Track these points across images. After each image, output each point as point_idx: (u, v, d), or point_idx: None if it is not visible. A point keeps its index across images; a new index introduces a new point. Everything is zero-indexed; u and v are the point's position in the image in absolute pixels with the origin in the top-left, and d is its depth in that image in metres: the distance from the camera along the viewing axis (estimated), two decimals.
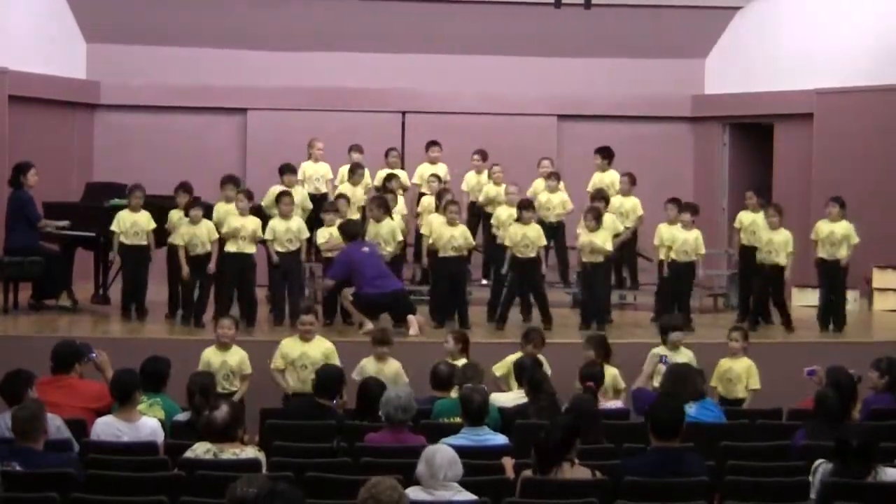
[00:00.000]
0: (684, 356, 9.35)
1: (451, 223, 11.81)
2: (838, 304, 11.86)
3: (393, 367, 9.28)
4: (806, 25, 15.47)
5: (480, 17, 15.84)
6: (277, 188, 12.30)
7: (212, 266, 11.38)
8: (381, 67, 16.05)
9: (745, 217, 12.55)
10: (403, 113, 16.29)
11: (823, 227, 11.82)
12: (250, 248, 11.45)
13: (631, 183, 13.23)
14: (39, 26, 15.07)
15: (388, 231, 11.90)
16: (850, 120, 14.82)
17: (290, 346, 9.51)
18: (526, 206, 11.93)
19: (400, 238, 12.11)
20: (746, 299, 12.49)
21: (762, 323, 12.12)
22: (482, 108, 16.09)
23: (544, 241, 11.86)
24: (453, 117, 15.88)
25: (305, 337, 9.51)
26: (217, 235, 11.43)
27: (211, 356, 9.26)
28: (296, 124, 15.53)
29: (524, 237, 11.67)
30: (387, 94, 16.11)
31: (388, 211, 12.06)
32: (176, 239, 11.54)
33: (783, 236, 11.83)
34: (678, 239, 11.89)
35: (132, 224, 11.67)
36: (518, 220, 11.83)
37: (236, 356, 9.33)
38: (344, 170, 13.49)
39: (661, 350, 9.43)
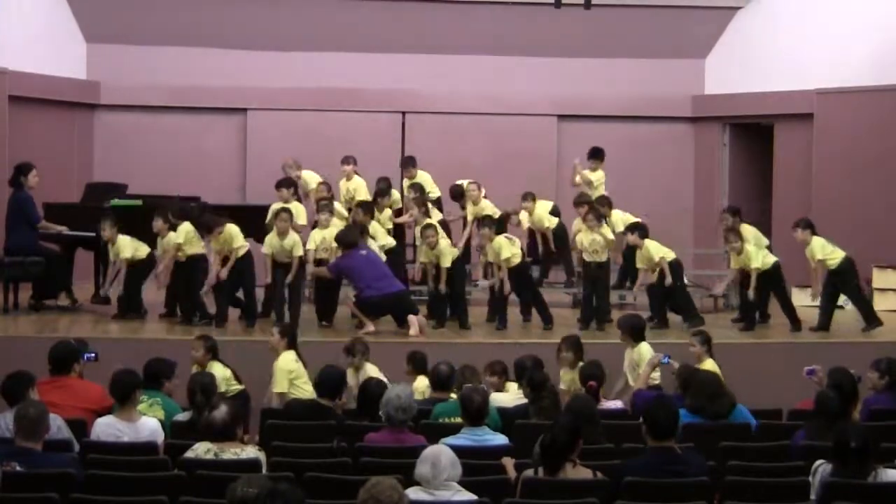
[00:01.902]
0: (637, 352, 9.45)
1: (430, 247, 11.79)
2: (857, 305, 11.92)
3: (370, 372, 9.10)
4: (806, 25, 15.47)
5: (481, 18, 15.85)
6: (278, 205, 12.16)
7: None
8: (382, 68, 16.05)
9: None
10: (404, 113, 16.29)
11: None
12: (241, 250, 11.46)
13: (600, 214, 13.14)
14: (39, 26, 15.08)
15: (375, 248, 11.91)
16: (850, 120, 14.82)
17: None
18: (488, 224, 11.97)
19: (382, 242, 12.10)
20: (746, 300, 12.44)
21: (759, 322, 12.10)
22: (482, 108, 16.11)
23: (518, 259, 11.80)
24: (453, 117, 15.89)
25: None
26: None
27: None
28: (296, 125, 15.56)
29: (497, 257, 11.75)
30: (387, 94, 16.11)
31: (372, 215, 12.10)
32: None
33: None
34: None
35: None
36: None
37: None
38: (342, 184, 13.43)
39: (644, 348, 9.47)
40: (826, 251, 11.75)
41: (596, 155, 13.74)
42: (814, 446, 6.81)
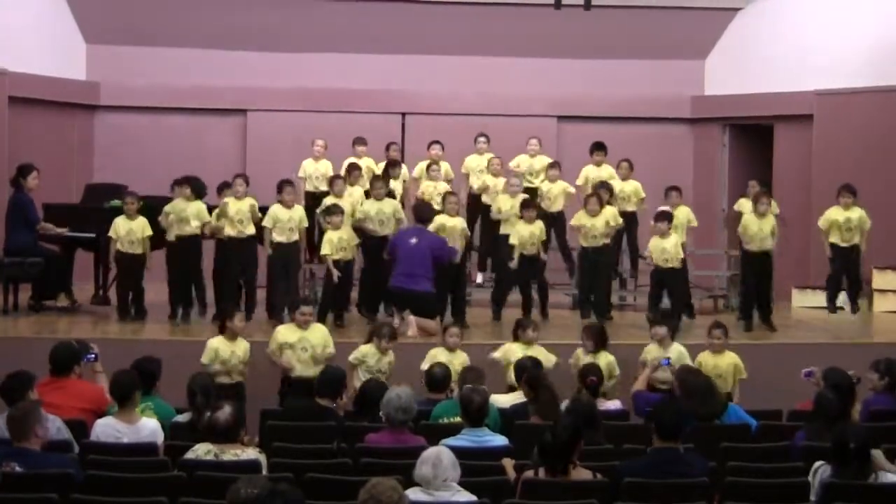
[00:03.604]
0: (675, 352, 9.51)
1: (451, 214, 11.90)
2: (854, 289, 11.96)
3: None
4: (806, 26, 15.48)
5: (481, 18, 15.84)
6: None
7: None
8: (381, 68, 16.06)
9: (745, 205, 12.58)
10: (403, 114, 16.29)
11: (837, 214, 11.92)
12: (250, 230, 11.49)
13: (630, 168, 13.31)
14: (39, 26, 15.08)
15: (391, 209, 11.96)
16: (850, 120, 14.82)
17: (287, 333, 9.52)
18: (528, 206, 12.15)
19: (401, 216, 12.20)
20: (746, 300, 12.41)
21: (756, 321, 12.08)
22: (482, 108, 16.09)
23: (544, 237, 12.17)
24: (453, 118, 15.88)
25: (303, 326, 9.54)
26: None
27: (220, 346, 9.19)
28: (296, 125, 15.55)
29: (531, 236, 11.94)
30: (387, 95, 16.11)
31: (388, 190, 12.26)
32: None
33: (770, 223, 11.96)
34: (657, 248, 11.85)
35: (128, 232, 11.63)
36: (521, 218, 12.04)
37: (242, 346, 9.31)
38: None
39: (654, 348, 9.52)
40: (867, 224, 12.03)
41: (601, 147, 13.71)
42: (814, 447, 6.81)
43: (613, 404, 8.86)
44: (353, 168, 13.16)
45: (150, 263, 11.74)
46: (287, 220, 11.52)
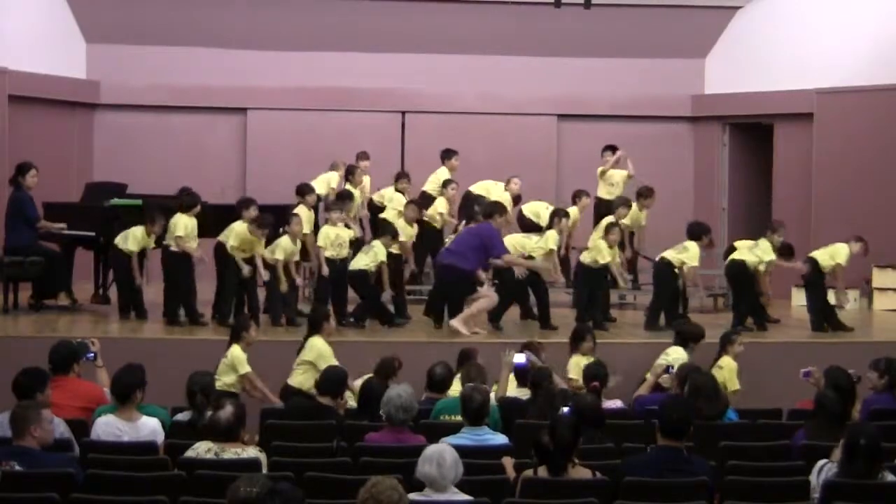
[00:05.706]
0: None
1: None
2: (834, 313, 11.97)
3: None
4: (806, 25, 15.48)
5: (480, 17, 15.85)
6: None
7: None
8: (381, 67, 16.06)
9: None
10: (403, 113, 16.30)
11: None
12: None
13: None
14: (39, 26, 15.09)
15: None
16: (850, 120, 14.82)
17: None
18: (565, 215, 12.36)
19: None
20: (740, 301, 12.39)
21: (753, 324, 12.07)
22: (482, 108, 16.11)
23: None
24: (453, 117, 15.89)
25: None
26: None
27: (243, 355, 9.16)
28: (296, 124, 15.55)
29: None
30: (387, 94, 16.12)
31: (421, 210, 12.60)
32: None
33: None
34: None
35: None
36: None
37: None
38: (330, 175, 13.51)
39: (663, 359, 9.53)
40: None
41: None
42: (814, 446, 6.81)
43: (614, 403, 8.86)
44: (353, 168, 13.24)
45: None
46: (291, 254, 11.51)
